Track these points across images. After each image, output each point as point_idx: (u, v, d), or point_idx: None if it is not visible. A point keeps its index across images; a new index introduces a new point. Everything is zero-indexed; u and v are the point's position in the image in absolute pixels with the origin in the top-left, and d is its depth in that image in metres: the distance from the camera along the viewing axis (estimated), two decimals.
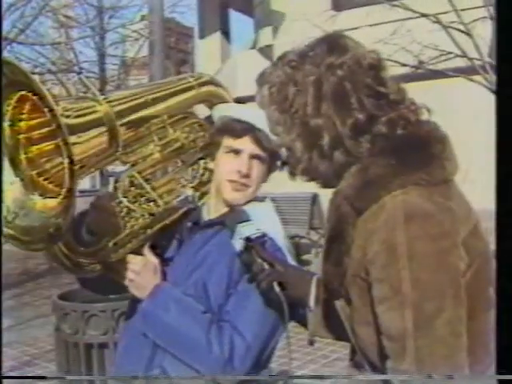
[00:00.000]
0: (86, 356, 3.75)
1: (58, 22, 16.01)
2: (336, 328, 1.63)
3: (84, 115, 1.65)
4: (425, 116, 1.53)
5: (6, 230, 1.63)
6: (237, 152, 1.98)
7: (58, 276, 8.22)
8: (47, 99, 1.51)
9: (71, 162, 1.50)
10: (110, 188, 2.04)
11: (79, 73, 15.04)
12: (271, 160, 2.00)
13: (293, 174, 1.60)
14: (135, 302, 2.01)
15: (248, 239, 1.80)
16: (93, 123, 1.67)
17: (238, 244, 1.82)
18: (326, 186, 1.58)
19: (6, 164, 1.67)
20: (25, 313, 7.97)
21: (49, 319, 5.13)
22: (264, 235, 1.83)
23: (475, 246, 1.41)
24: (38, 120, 1.64)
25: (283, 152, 1.82)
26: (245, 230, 1.82)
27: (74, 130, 1.55)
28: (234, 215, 1.91)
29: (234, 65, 12.73)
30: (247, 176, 1.97)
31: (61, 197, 1.60)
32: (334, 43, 1.51)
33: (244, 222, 1.85)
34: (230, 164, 1.98)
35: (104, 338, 3.71)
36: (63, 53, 16.52)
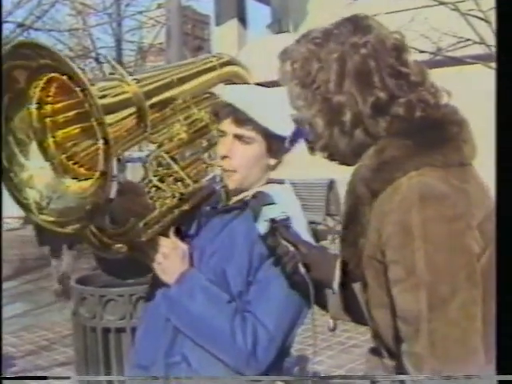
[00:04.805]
0: (103, 341, 3.76)
1: (75, 10, 16.02)
2: (355, 311, 1.64)
3: (113, 95, 1.64)
4: (444, 99, 1.52)
5: (42, 217, 1.62)
6: (222, 135, 1.98)
7: (75, 261, 8.26)
8: (81, 79, 1.49)
9: (106, 143, 1.48)
10: (128, 173, 2.03)
11: (96, 59, 15.05)
12: (268, 140, 1.97)
13: (312, 150, 1.60)
14: (154, 287, 2.02)
15: (273, 221, 1.79)
16: (122, 104, 1.65)
17: (263, 226, 1.82)
18: (343, 163, 1.58)
19: (35, 148, 1.66)
20: (42, 297, 8.05)
21: (66, 304, 5.15)
22: (288, 218, 1.82)
23: (491, 231, 1.39)
24: (65, 103, 1.63)
25: (286, 130, 1.86)
26: (270, 212, 1.81)
27: (105, 110, 1.53)
28: (258, 198, 1.90)
29: (250, 52, 12.68)
30: (227, 157, 1.95)
31: (95, 177, 1.58)
32: (358, 23, 1.51)
33: (268, 204, 1.84)
34: (219, 148, 2.00)
35: (121, 322, 3.72)
36: (80, 39, 16.55)
